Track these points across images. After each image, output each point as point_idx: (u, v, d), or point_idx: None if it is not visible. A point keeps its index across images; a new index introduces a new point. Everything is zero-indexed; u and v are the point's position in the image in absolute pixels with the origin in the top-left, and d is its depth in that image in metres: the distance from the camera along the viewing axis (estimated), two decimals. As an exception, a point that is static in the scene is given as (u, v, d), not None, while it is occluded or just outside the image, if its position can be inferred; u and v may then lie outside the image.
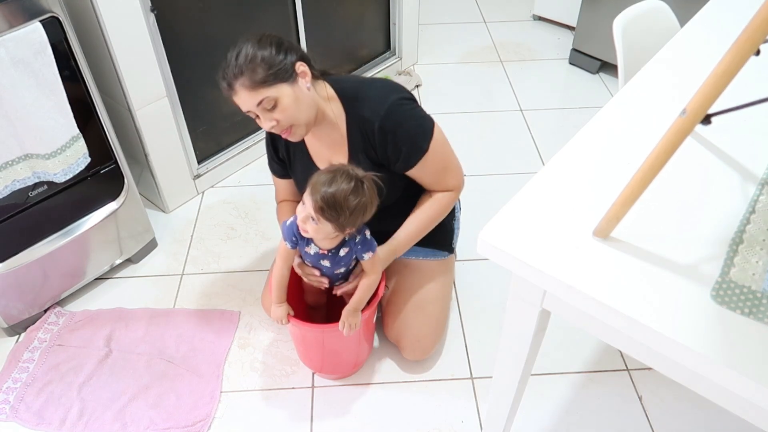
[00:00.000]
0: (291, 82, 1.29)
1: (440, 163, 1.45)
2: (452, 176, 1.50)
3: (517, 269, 0.91)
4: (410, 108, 1.39)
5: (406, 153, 1.39)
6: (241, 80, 1.26)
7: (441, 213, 1.52)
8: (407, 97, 1.40)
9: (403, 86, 1.46)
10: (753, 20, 0.68)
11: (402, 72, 2.86)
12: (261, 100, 1.27)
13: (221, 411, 1.60)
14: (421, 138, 1.39)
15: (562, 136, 2.51)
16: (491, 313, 1.83)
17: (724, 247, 0.89)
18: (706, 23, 1.47)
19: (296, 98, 1.30)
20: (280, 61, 1.27)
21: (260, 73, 1.25)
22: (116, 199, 1.83)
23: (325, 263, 1.40)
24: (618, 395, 1.62)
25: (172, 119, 2.01)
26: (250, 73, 1.25)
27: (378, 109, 1.36)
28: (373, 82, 1.45)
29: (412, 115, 1.39)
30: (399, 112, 1.36)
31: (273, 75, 1.26)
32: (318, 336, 1.52)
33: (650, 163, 0.81)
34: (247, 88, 1.26)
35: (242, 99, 1.29)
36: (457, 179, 1.51)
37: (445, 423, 1.57)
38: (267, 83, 1.26)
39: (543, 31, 3.27)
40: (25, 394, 1.63)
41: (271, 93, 1.27)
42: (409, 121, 1.38)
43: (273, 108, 1.29)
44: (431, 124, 1.42)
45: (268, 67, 1.26)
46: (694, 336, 0.77)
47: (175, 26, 1.90)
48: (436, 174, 1.46)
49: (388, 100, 1.36)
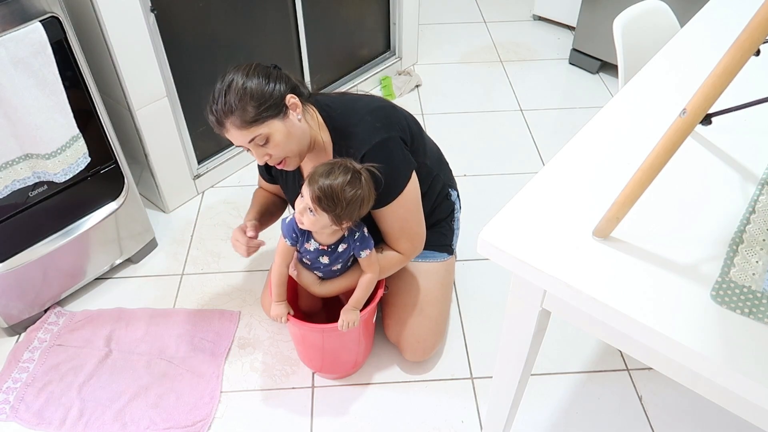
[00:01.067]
0: (282, 116, 1.28)
1: (404, 215, 1.43)
2: (407, 239, 1.46)
3: (517, 269, 0.91)
4: (393, 151, 1.36)
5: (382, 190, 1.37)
6: (232, 119, 1.25)
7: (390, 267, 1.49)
8: (394, 136, 1.37)
9: (394, 118, 1.41)
10: (753, 20, 0.68)
11: (402, 72, 2.86)
12: (253, 137, 1.27)
13: (221, 411, 1.60)
14: (395, 184, 1.37)
15: (562, 136, 2.51)
16: (491, 313, 1.83)
17: (724, 247, 0.89)
18: (706, 23, 1.47)
19: (288, 132, 1.29)
20: (270, 96, 1.25)
21: (251, 112, 1.24)
22: (116, 199, 1.83)
23: (324, 260, 1.41)
24: (618, 395, 1.62)
25: (172, 119, 2.01)
26: (240, 111, 1.24)
27: (362, 147, 1.34)
28: (363, 112, 1.39)
29: (392, 158, 1.36)
30: (380, 153, 1.34)
31: (263, 112, 1.25)
32: (317, 335, 1.52)
33: (650, 163, 0.81)
34: (237, 127, 1.25)
35: (233, 136, 1.28)
36: (409, 245, 1.48)
37: (445, 423, 1.57)
38: (258, 121, 1.25)
39: (543, 31, 3.27)
40: (25, 394, 1.63)
41: (263, 130, 1.26)
42: (387, 164, 1.34)
43: (265, 143, 1.28)
44: (409, 173, 1.39)
45: (258, 104, 1.24)
46: (694, 336, 0.77)
47: (175, 26, 1.90)
48: (396, 225, 1.44)
49: (373, 140, 1.34)
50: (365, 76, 2.75)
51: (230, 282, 1.95)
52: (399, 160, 1.38)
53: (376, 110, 1.40)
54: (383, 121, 1.38)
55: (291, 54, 2.36)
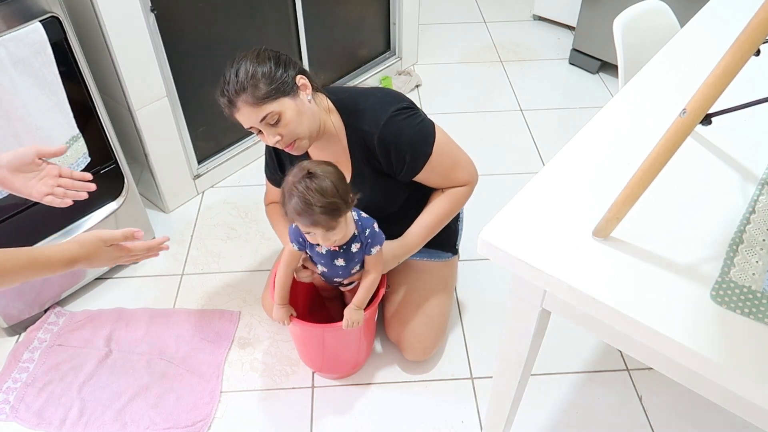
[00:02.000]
0: (293, 95, 1.29)
1: (447, 163, 1.45)
2: (462, 172, 1.49)
3: (517, 269, 0.91)
4: (408, 116, 1.39)
5: (410, 160, 1.39)
6: (244, 96, 1.26)
7: (455, 208, 1.51)
8: (405, 105, 1.40)
9: (400, 94, 1.45)
10: (753, 20, 0.68)
11: (402, 72, 2.86)
12: (265, 115, 1.27)
13: (221, 411, 1.60)
14: (422, 143, 1.39)
15: (562, 136, 2.51)
16: (491, 313, 1.83)
17: (724, 247, 0.89)
18: (706, 23, 1.47)
19: (299, 111, 1.30)
20: (281, 75, 1.27)
21: (262, 88, 1.25)
22: (116, 199, 1.83)
23: (340, 262, 1.39)
24: (618, 395, 1.62)
25: (172, 119, 2.01)
26: (252, 89, 1.25)
27: (377, 120, 1.36)
28: (370, 92, 1.44)
29: (410, 122, 1.38)
30: (397, 121, 1.36)
31: (275, 89, 1.26)
32: (319, 335, 1.52)
33: (650, 163, 0.81)
34: (249, 104, 1.26)
35: (245, 115, 1.29)
36: (467, 173, 1.50)
37: (445, 423, 1.57)
38: (270, 98, 1.26)
39: (543, 31, 3.26)
40: (25, 394, 1.63)
41: (274, 107, 1.27)
42: (408, 129, 1.38)
43: (276, 123, 1.29)
44: (431, 127, 1.42)
45: (269, 81, 1.25)
46: (694, 336, 0.77)
47: (175, 26, 1.90)
48: (444, 174, 1.46)
49: (387, 111, 1.36)
50: (365, 76, 2.74)
51: (230, 282, 1.95)
52: (419, 121, 1.40)
53: (384, 92, 1.44)
54: (391, 96, 1.41)
55: (291, 54, 2.35)
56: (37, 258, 1.01)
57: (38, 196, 1.15)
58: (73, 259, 1.05)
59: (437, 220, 1.50)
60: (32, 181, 1.15)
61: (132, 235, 1.13)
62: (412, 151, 1.39)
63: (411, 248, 1.51)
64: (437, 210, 1.49)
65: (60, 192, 1.17)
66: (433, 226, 1.50)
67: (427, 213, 1.50)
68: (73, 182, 1.19)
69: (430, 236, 1.52)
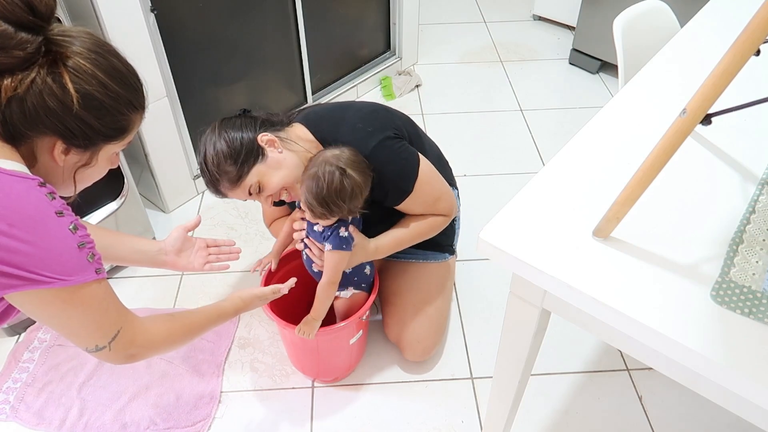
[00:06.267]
0: (262, 158, 1.31)
1: (428, 198, 1.44)
2: (443, 204, 1.48)
3: (517, 269, 0.91)
4: (392, 150, 1.36)
5: (391, 194, 1.40)
6: (222, 185, 1.32)
7: (431, 233, 1.50)
8: (389, 135, 1.36)
9: (385, 119, 1.41)
10: (753, 20, 0.68)
11: (402, 72, 2.86)
12: (248, 189, 1.32)
13: (221, 411, 1.60)
14: (405, 180, 1.39)
15: (562, 136, 2.51)
16: (491, 313, 1.83)
17: (724, 247, 0.89)
18: (705, 23, 1.47)
19: (276, 168, 1.32)
20: (240, 148, 1.29)
21: (231, 171, 1.29)
22: (116, 199, 1.83)
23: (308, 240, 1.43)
24: (618, 395, 1.62)
25: (172, 119, 2.01)
26: (224, 175, 1.30)
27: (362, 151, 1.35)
28: (354, 120, 1.38)
29: (393, 158, 1.37)
30: (380, 156, 1.35)
31: (242, 164, 1.29)
32: (310, 340, 1.51)
33: (650, 163, 0.81)
34: (230, 188, 1.33)
35: (234, 196, 1.35)
36: (447, 207, 1.49)
37: (445, 423, 1.57)
38: (243, 175, 1.30)
39: (543, 31, 3.27)
40: (25, 394, 1.63)
41: (252, 179, 1.31)
42: (391, 165, 1.36)
43: (261, 190, 1.33)
44: (415, 163, 1.39)
45: (233, 161, 1.29)
46: (694, 336, 0.77)
47: (175, 26, 1.90)
48: (425, 207, 1.46)
49: (368, 145, 1.34)
50: (365, 76, 2.75)
51: (230, 282, 1.95)
52: (402, 153, 1.38)
53: (366, 116, 1.40)
54: (374, 124, 1.38)
55: (291, 54, 2.36)
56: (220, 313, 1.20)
57: (199, 268, 1.37)
58: (238, 311, 1.25)
59: (410, 239, 1.48)
60: (191, 257, 1.37)
61: (279, 291, 1.33)
62: (394, 187, 1.39)
63: (376, 255, 1.47)
64: (415, 230, 1.47)
65: (214, 258, 1.38)
66: (405, 242, 1.49)
67: (403, 228, 1.48)
68: (219, 248, 1.40)
69: (397, 249, 1.49)
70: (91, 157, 0.89)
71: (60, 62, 0.80)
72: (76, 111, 0.81)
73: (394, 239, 1.47)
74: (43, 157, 0.85)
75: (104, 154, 0.91)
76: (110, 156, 0.93)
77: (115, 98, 0.85)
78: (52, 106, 0.79)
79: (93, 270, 0.85)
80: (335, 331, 1.46)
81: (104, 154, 0.90)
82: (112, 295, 0.94)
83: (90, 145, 0.86)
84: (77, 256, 0.83)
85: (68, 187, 0.91)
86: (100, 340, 0.92)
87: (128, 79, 0.89)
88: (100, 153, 0.89)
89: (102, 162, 0.92)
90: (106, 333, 0.93)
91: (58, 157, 0.85)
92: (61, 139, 0.83)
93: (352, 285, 1.49)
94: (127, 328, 0.97)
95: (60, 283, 0.81)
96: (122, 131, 0.89)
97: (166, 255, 1.34)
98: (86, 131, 0.84)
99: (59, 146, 0.84)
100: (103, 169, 0.94)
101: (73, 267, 0.82)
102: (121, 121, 0.88)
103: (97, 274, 0.86)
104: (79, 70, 0.81)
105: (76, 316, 0.87)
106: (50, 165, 0.86)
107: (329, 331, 1.45)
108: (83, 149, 0.86)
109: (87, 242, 0.84)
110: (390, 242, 1.47)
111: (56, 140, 0.83)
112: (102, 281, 0.89)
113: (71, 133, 0.83)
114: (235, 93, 2.21)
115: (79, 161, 0.88)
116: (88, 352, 0.93)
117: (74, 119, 0.82)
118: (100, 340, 0.92)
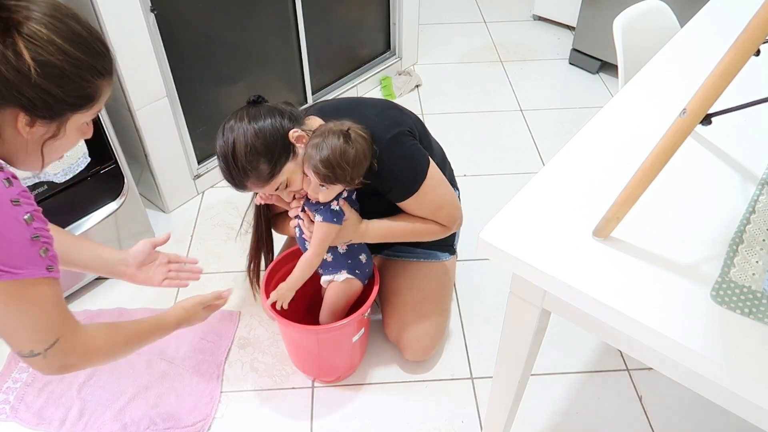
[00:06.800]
0: (293, 156, 1.30)
1: (430, 204, 1.43)
2: (445, 215, 1.46)
3: (517, 269, 0.91)
4: (405, 147, 1.37)
5: (395, 190, 1.39)
6: (251, 180, 1.29)
7: (425, 235, 1.48)
8: (404, 131, 1.37)
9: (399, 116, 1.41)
10: (753, 20, 0.68)
11: (402, 72, 2.86)
12: (276, 186, 1.32)
13: (221, 411, 1.60)
14: (412, 179, 1.38)
15: (562, 136, 2.51)
16: (491, 313, 1.83)
17: (724, 247, 0.89)
18: (705, 23, 1.47)
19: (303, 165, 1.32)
20: (275, 145, 1.26)
21: (265, 169, 1.27)
22: (116, 199, 1.83)
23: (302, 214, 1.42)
24: (618, 395, 1.62)
25: (172, 119, 2.01)
26: (254, 171, 1.27)
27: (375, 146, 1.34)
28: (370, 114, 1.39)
29: (405, 154, 1.37)
30: (392, 151, 1.35)
31: (277, 163, 1.28)
32: (312, 338, 1.51)
33: (650, 163, 0.81)
34: (256, 185, 1.30)
35: (257, 190, 1.36)
36: (449, 217, 1.47)
37: (445, 423, 1.57)
38: (276, 174, 1.29)
39: (543, 31, 3.27)
40: (25, 394, 1.63)
41: (282, 178, 1.31)
42: (402, 162, 1.37)
43: (288, 185, 1.33)
44: (425, 165, 1.39)
45: (269, 159, 1.26)
46: (694, 336, 0.77)
47: (175, 26, 1.90)
48: (425, 212, 1.45)
49: (385, 137, 1.34)
50: (365, 76, 2.75)
51: (230, 282, 1.95)
52: (414, 151, 1.39)
53: (382, 112, 1.41)
54: (390, 120, 1.39)
55: (291, 54, 2.36)
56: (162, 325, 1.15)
57: (158, 283, 1.32)
58: (180, 322, 1.20)
59: (403, 233, 1.46)
60: (151, 272, 1.32)
61: (221, 296, 1.31)
62: (399, 184, 1.38)
63: (364, 237, 1.44)
64: (410, 226, 1.45)
65: (173, 275, 1.35)
66: (398, 235, 1.46)
67: (399, 221, 1.45)
68: (180, 265, 1.37)
69: (387, 239, 1.47)
70: (59, 129, 0.84)
71: (13, 29, 0.75)
72: (35, 80, 0.76)
73: (387, 228, 1.45)
74: (7, 131, 0.81)
75: (73, 125, 0.86)
76: (80, 126, 0.88)
77: (76, 65, 0.80)
78: (9, 76, 0.75)
79: (44, 266, 0.80)
80: (337, 329, 1.46)
81: (72, 124, 0.86)
82: (60, 300, 0.87)
83: (55, 116, 0.82)
84: (28, 248, 0.78)
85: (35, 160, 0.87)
86: (37, 345, 0.85)
87: (90, 44, 0.82)
88: (68, 124, 0.85)
89: (72, 133, 0.87)
90: (44, 339, 0.85)
91: (22, 129, 0.80)
92: (23, 110, 0.79)
93: (345, 268, 1.47)
94: (68, 337, 0.89)
95: (6, 276, 0.76)
96: (89, 99, 0.84)
97: (126, 266, 1.28)
98: (49, 101, 0.79)
99: (22, 118, 0.79)
100: (74, 140, 0.89)
101: (22, 259, 0.78)
102: (86, 88, 0.83)
103: (48, 271, 0.81)
104: (35, 37, 0.76)
105: (16, 314, 0.81)
106: (15, 139, 0.82)
107: (331, 328, 1.45)
108: (48, 120, 0.82)
109: (43, 236, 0.80)
110: (382, 228, 1.44)
111: (18, 112, 0.79)
112: (53, 281, 0.83)
113: (33, 104, 0.78)
114: (235, 93, 2.21)
115: (46, 133, 0.84)
116: (20, 357, 0.86)
117: (34, 89, 0.77)
118: (37, 345, 0.85)
